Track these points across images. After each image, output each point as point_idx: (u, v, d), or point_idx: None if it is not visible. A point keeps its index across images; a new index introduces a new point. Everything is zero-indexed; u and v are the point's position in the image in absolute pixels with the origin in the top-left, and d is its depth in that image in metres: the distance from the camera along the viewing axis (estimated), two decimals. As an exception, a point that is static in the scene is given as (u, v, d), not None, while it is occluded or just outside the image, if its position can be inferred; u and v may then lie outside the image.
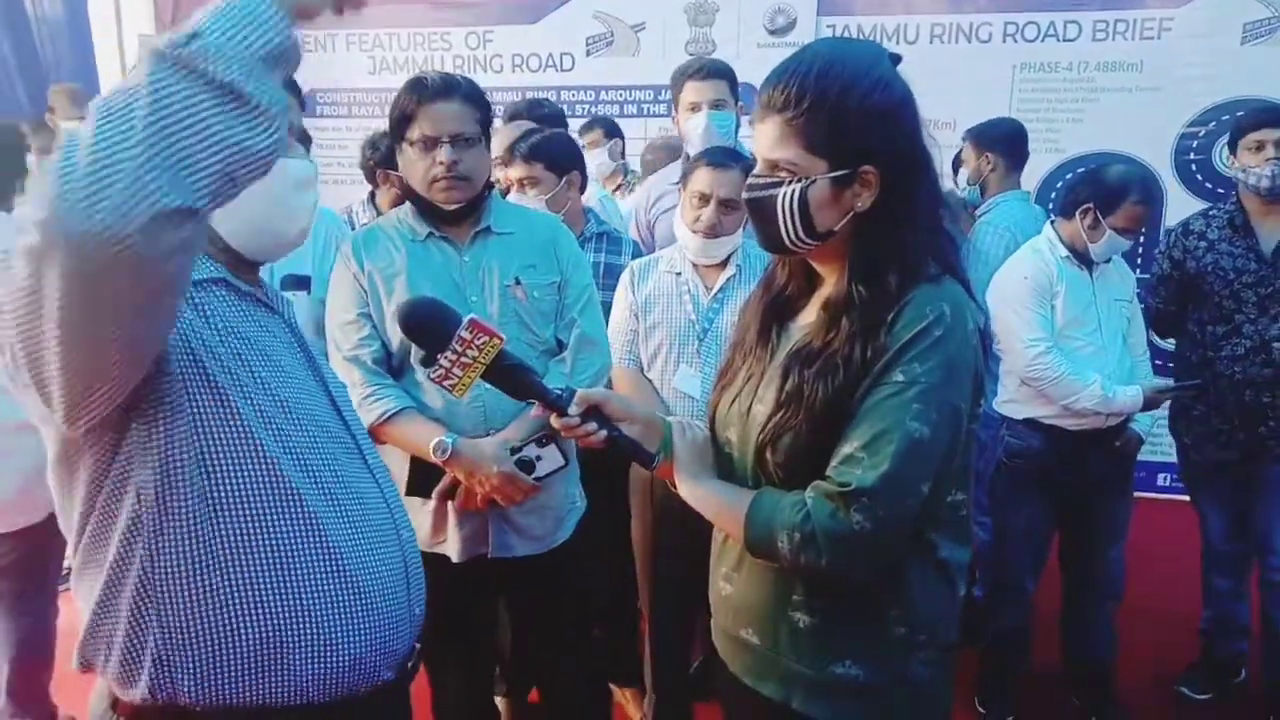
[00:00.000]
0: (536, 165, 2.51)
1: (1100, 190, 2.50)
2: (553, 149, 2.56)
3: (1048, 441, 2.60)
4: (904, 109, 1.16)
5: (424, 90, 1.84)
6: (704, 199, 2.21)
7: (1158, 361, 2.94)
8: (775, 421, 1.17)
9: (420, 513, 1.93)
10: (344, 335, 1.89)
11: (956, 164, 3.53)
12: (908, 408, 1.09)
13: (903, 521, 1.12)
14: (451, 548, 1.94)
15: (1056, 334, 2.54)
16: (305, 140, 2.51)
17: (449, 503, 1.91)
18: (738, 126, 2.85)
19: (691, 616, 2.51)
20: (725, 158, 2.26)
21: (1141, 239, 4.06)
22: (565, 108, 4.49)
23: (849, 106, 1.12)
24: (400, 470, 1.88)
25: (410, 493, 1.88)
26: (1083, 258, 2.56)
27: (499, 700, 2.59)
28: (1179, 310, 2.84)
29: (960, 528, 1.23)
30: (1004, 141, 3.36)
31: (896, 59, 1.19)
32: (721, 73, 2.83)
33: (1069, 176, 4.13)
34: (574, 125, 3.70)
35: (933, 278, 1.16)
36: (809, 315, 1.26)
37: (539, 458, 1.79)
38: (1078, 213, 2.52)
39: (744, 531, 1.18)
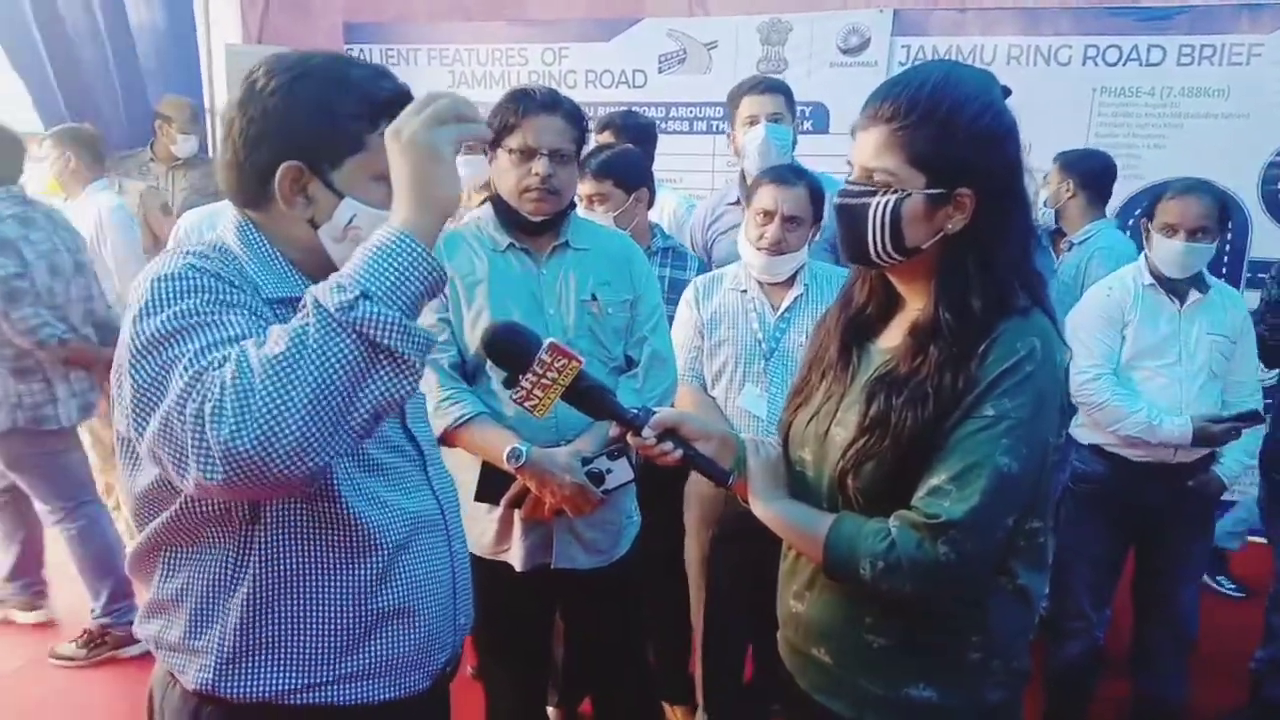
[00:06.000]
0: (606, 182, 2.55)
1: (1149, 201, 2.50)
2: (623, 166, 2.59)
3: (1111, 469, 2.56)
4: (1010, 138, 1.16)
5: (529, 102, 1.87)
6: (768, 215, 2.21)
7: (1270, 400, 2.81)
8: (858, 447, 1.17)
9: (486, 519, 1.95)
10: (422, 339, 1.93)
11: None
12: (997, 443, 1.09)
13: (988, 554, 1.13)
14: (515, 556, 1.96)
15: (1121, 362, 2.51)
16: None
17: (515, 511, 1.92)
18: (794, 143, 2.87)
19: (748, 636, 2.50)
20: (790, 174, 2.27)
21: (1223, 268, 3.95)
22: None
23: (958, 124, 1.12)
24: (470, 476, 1.90)
25: (479, 498, 1.90)
26: (1173, 287, 2.49)
27: (551, 711, 2.61)
28: None
29: (1037, 554, 1.22)
30: (1090, 174, 3.31)
31: (1007, 91, 1.20)
32: (778, 88, 2.87)
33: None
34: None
35: (1022, 310, 1.15)
36: (891, 338, 1.26)
37: (609, 470, 1.81)
38: (1144, 235, 2.51)
39: (823, 555, 1.18)
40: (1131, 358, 2.51)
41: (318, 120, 1.08)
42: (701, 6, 4.60)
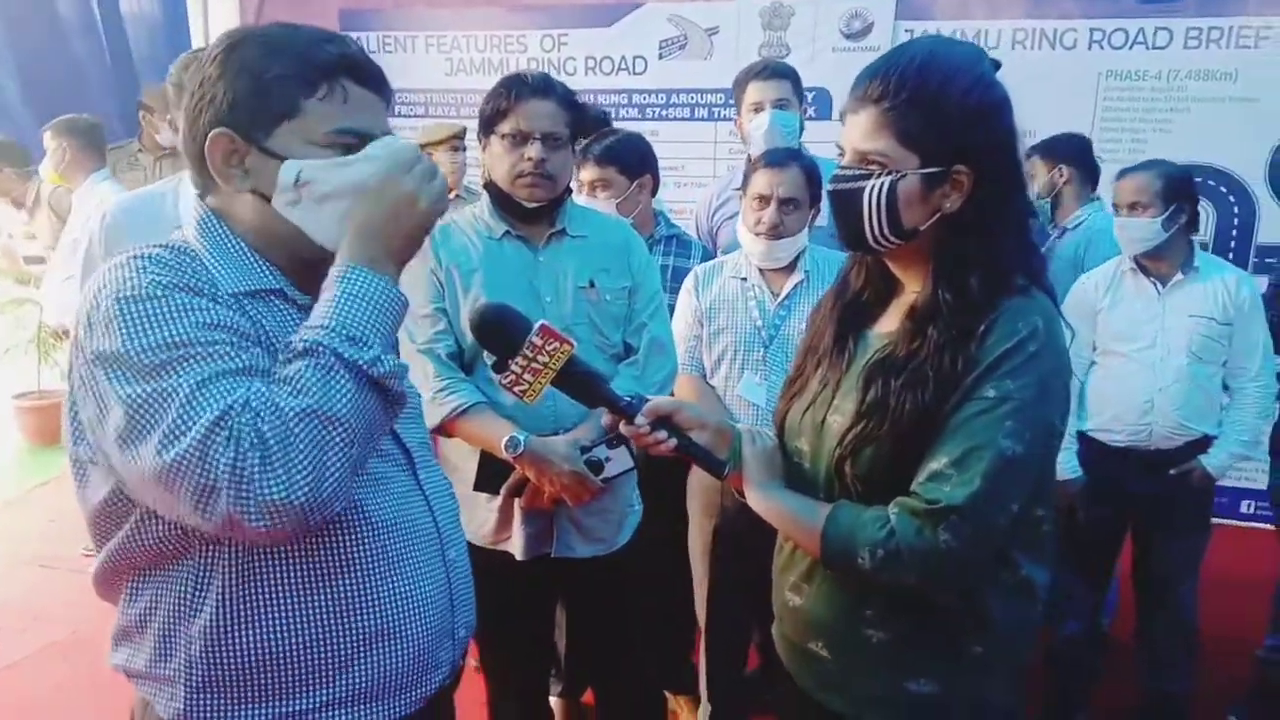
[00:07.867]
0: (609, 168, 2.52)
1: None
2: (625, 151, 2.56)
3: (1086, 449, 2.58)
4: (1003, 112, 1.14)
5: (521, 86, 1.86)
6: (764, 200, 2.20)
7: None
8: (855, 433, 1.15)
9: (486, 509, 1.94)
10: (419, 328, 1.90)
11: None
12: (1000, 425, 1.07)
13: (991, 540, 1.11)
14: (515, 545, 1.95)
15: (1095, 349, 2.56)
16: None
17: (515, 500, 1.91)
18: (801, 129, 2.83)
19: (750, 625, 2.49)
20: (784, 157, 2.25)
21: (1230, 253, 3.91)
22: (636, 110, 4.51)
23: (949, 100, 1.10)
24: (470, 465, 1.90)
25: (478, 488, 1.89)
26: (1155, 270, 2.50)
27: (553, 701, 2.60)
28: None
29: (1041, 546, 1.20)
30: (1079, 154, 3.29)
31: (996, 64, 1.17)
32: (785, 73, 2.83)
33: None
34: (647, 129, 3.68)
35: (1021, 289, 1.13)
36: (888, 323, 1.24)
37: (608, 459, 1.80)
38: None
39: (820, 545, 1.16)
40: (1105, 344, 2.53)
41: (246, 85, 1.02)
42: (703, -9, 4.55)
